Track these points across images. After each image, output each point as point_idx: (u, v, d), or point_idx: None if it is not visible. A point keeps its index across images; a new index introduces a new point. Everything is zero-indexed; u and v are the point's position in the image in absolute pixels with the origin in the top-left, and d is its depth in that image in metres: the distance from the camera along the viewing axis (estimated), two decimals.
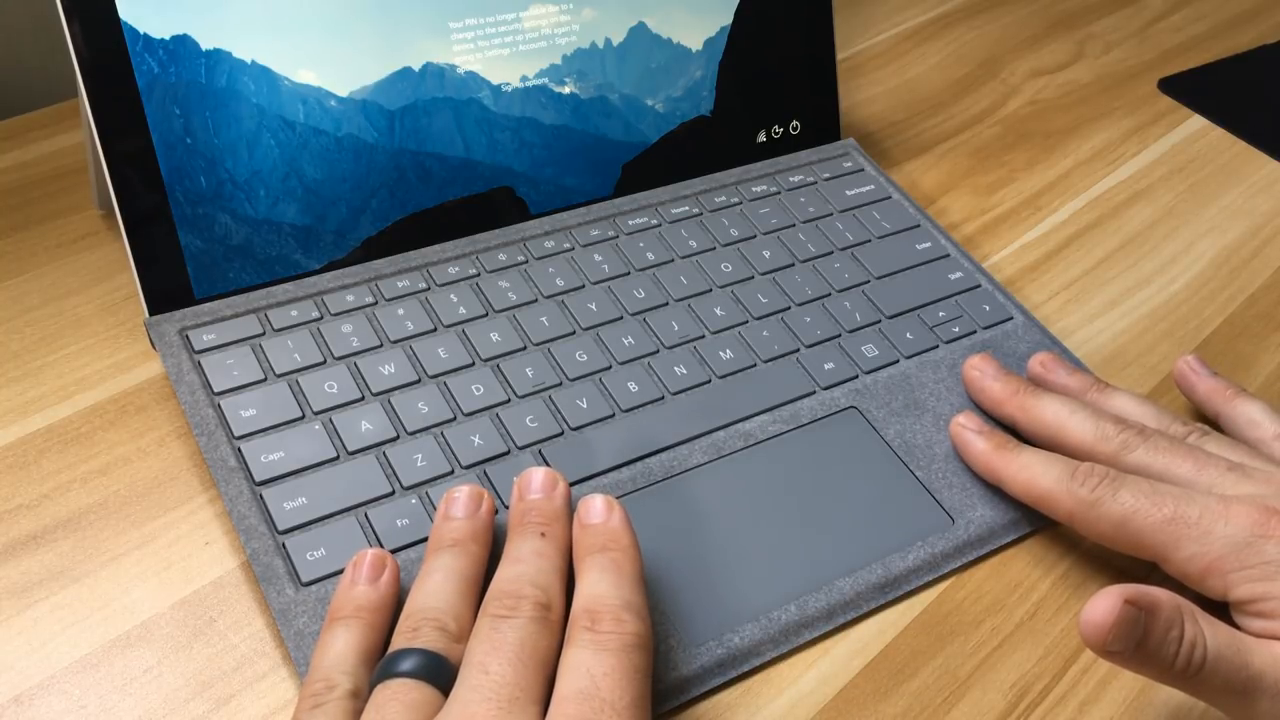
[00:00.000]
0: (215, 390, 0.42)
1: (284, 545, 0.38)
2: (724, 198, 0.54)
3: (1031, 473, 0.41)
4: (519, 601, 0.33)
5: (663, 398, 0.45)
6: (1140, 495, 0.38)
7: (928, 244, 0.54)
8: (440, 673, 0.32)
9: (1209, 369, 0.47)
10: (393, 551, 0.38)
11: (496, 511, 0.39)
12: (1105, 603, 0.33)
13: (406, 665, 0.32)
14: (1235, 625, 0.36)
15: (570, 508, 0.37)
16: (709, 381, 0.46)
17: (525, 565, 0.35)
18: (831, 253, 0.52)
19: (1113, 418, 0.42)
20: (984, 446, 0.43)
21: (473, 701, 0.30)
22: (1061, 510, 0.40)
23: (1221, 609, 0.37)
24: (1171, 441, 0.41)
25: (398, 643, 0.33)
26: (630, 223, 0.51)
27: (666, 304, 0.48)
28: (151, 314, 0.44)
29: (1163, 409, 0.44)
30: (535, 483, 0.37)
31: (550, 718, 0.30)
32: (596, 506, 0.36)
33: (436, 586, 0.35)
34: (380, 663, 0.33)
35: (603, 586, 0.34)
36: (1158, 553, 0.38)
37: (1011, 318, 0.51)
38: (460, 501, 0.37)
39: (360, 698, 0.33)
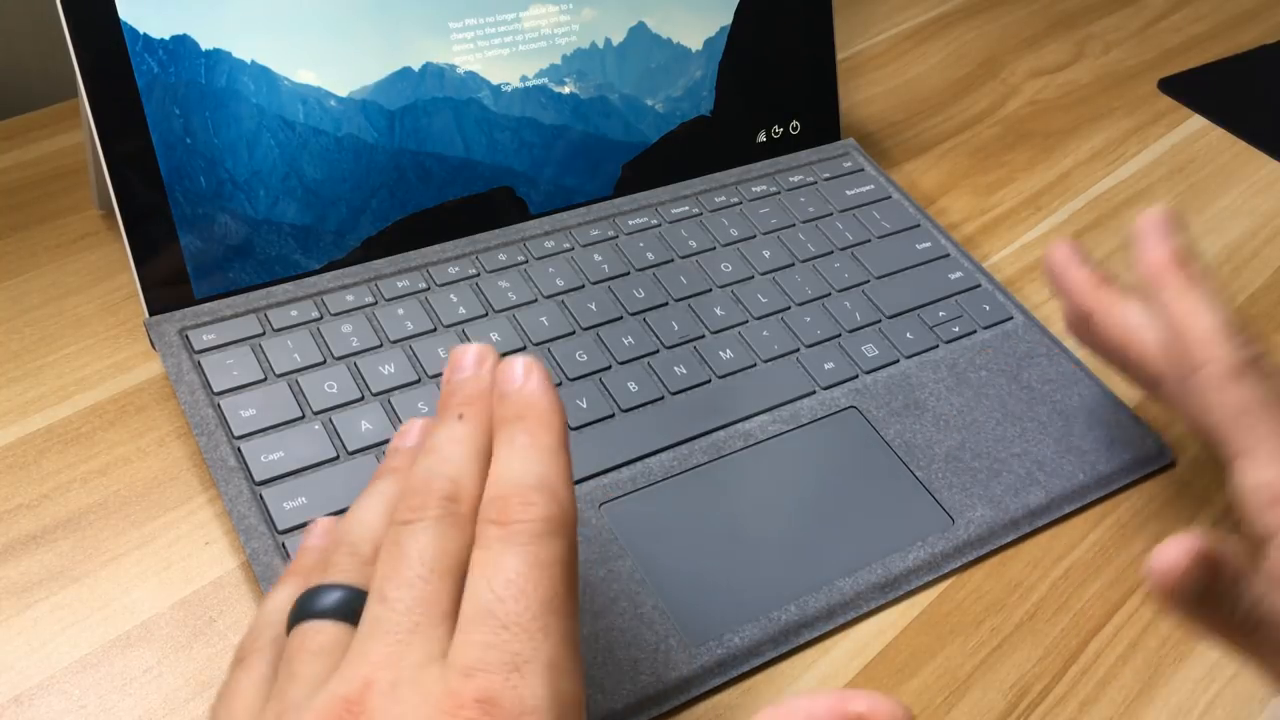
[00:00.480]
0: (215, 390, 0.42)
1: (284, 545, 0.38)
2: (724, 198, 0.54)
3: (1140, 319, 0.40)
4: (425, 499, 0.30)
5: (663, 398, 0.45)
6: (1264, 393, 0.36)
7: (928, 244, 0.54)
8: (352, 608, 0.29)
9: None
10: None
11: None
12: (1178, 548, 0.31)
13: (316, 605, 0.29)
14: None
15: (494, 380, 0.33)
16: (709, 381, 0.46)
17: (436, 455, 0.31)
18: (831, 253, 0.52)
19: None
20: (1087, 277, 0.42)
21: (373, 637, 0.27)
22: (1165, 363, 0.39)
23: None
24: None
25: (313, 576, 0.31)
26: (630, 223, 0.51)
27: (666, 304, 0.48)
28: (151, 314, 0.44)
29: None
30: (463, 360, 0.33)
31: (453, 647, 0.27)
32: (514, 370, 0.32)
33: (361, 513, 0.32)
34: (297, 600, 0.30)
35: (513, 465, 0.30)
36: (1240, 449, 0.36)
37: (1011, 318, 0.51)
38: (408, 433, 0.34)
39: (283, 643, 0.30)
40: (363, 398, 0.42)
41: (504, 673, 0.27)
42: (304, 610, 0.30)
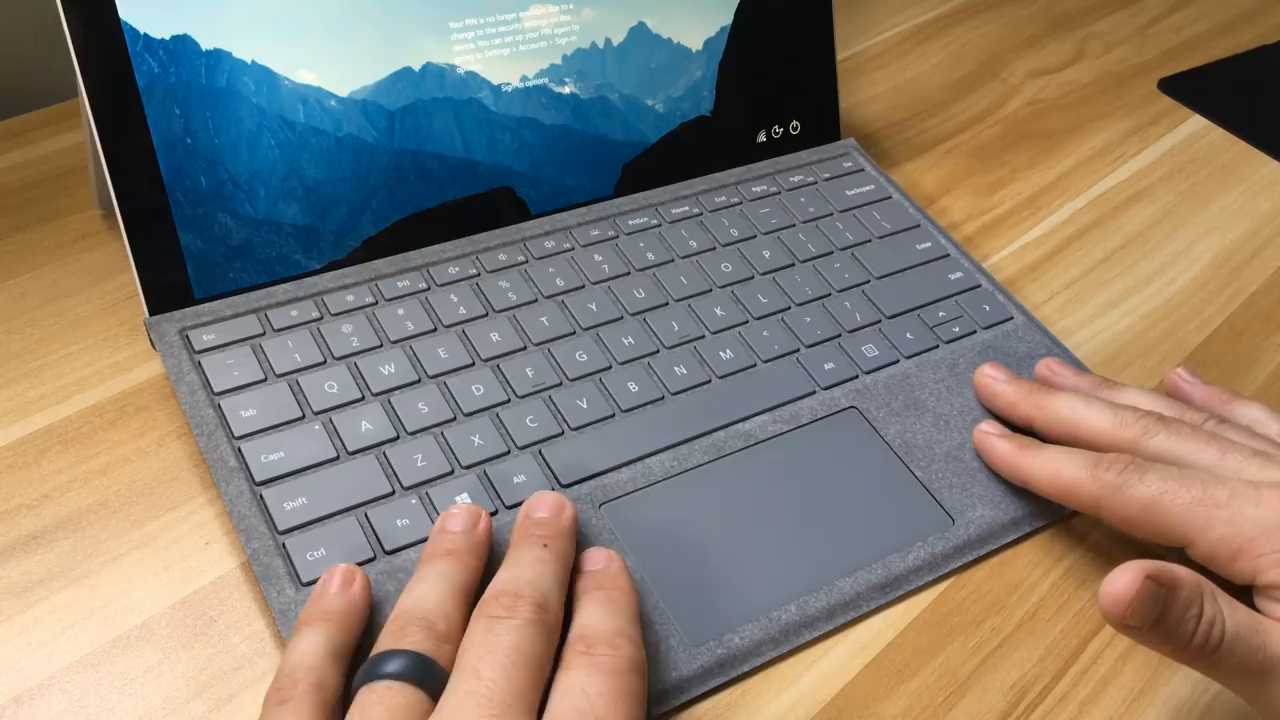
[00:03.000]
0: (215, 390, 0.42)
1: (284, 545, 0.38)
2: (724, 198, 0.54)
3: (1056, 466, 0.41)
4: (516, 601, 0.33)
5: (663, 398, 0.45)
6: (1168, 478, 0.38)
7: (928, 244, 0.54)
8: (428, 675, 0.31)
9: (1199, 377, 0.47)
10: (392, 551, 0.38)
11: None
12: (1127, 577, 0.33)
13: (393, 667, 0.31)
14: (1257, 609, 0.36)
15: (576, 531, 0.37)
16: (709, 381, 0.46)
17: (525, 570, 0.34)
18: (831, 253, 0.52)
19: (1129, 407, 0.42)
20: (1008, 448, 0.43)
21: (465, 708, 0.30)
22: (1087, 498, 0.40)
23: (1244, 594, 0.37)
24: (1192, 428, 0.41)
25: (383, 644, 0.33)
26: (630, 223, 0.51)
27: (666, 304, 0.48)
28: (151, 314, 0.44)
29: (1173, 400, 0.44)
30: (543, 503, 0.37)
31: None
32: (598, 554, 0.37)
33: (427, 589, 0.34)
34: (365, 664, 0.32)
35: (599, 617, 0.34)
36: (1185, 535, 0.38)
37: (1011, 318, 0.51)
38: (458, 517, 0.37)
39: (327, 690, 0.32)
40: (363, 398, 0.42)
41: None
42: (378, 669, 0.31)
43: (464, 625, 0.33)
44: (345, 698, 0.32)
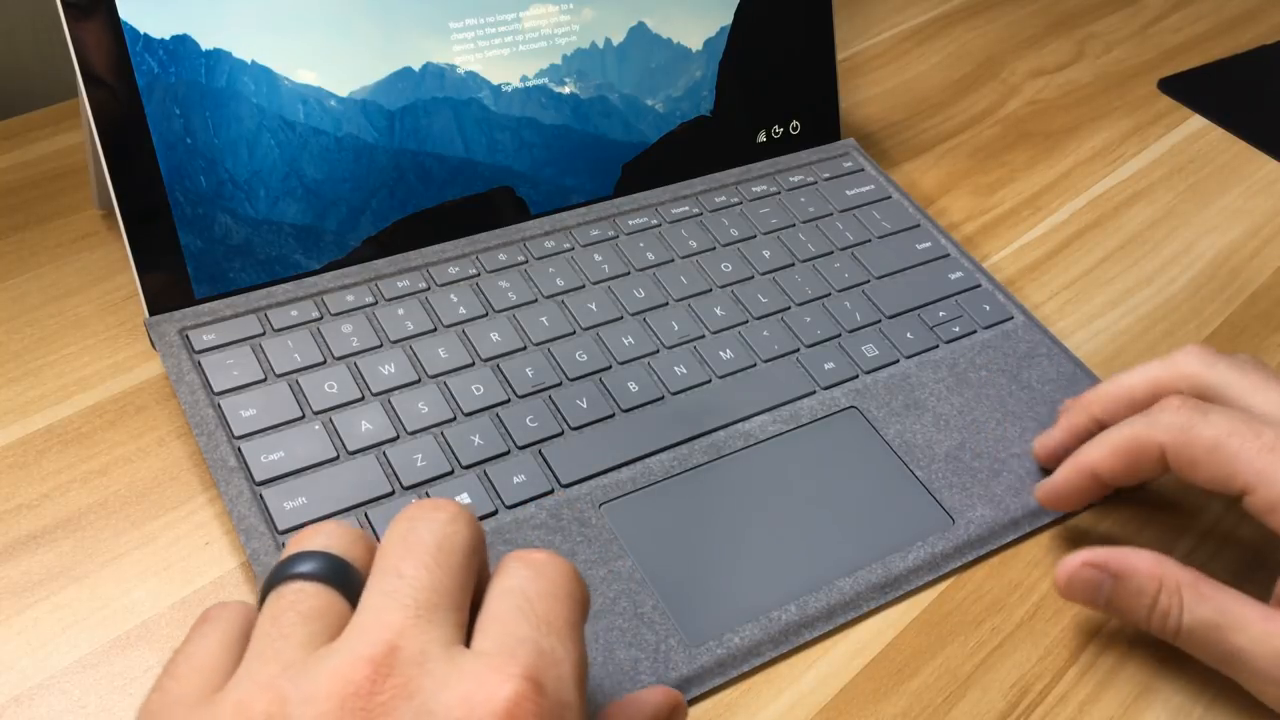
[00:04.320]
0: (215, 390, 0.42)
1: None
2: (724, 198, 0.54)
3: (1113, 437, 0.40)
4: (439, 503, 0.29)
5: (663, 398, 0.45)
6: (1235, 419, 0.37)
7: (928, 244, 0.54)
8: (344, 576, 0.28)
9: None
10: None
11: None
12: (1071, 561, 0.38)
13: (303, 567, 0.28)
14: None
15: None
16: (709, 381, 0.46)
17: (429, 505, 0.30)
18: (831, 253, 0.52)
19: (1179, 351, 0.41)
20: (1065, 469, 0.41)
21: (386, 609, 0.26)
22: (1153, 449, 0.38)
23: None
24: (1254, 363, 0.40)
25: (291, 546, 0.29)
26: (630, 223, 0.51)
27: (666, 304, 0.48)
28: (151, 314, 0.44)
29: None
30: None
31: (481, 635, 0.27)
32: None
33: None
34: (272, 568, 0.28)
35: (534, 552, 0.30)
36: (1250, 481, 0.36)
37: (1011, 318, 0.51)
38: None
39: (251, 608, 0.29)
40: (363, 398, 0.42)
41: (545, 661, 0.26)
42: (286, 571, 0.28)
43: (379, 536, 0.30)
44: None
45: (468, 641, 0.27)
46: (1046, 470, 0.44)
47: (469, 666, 0.26)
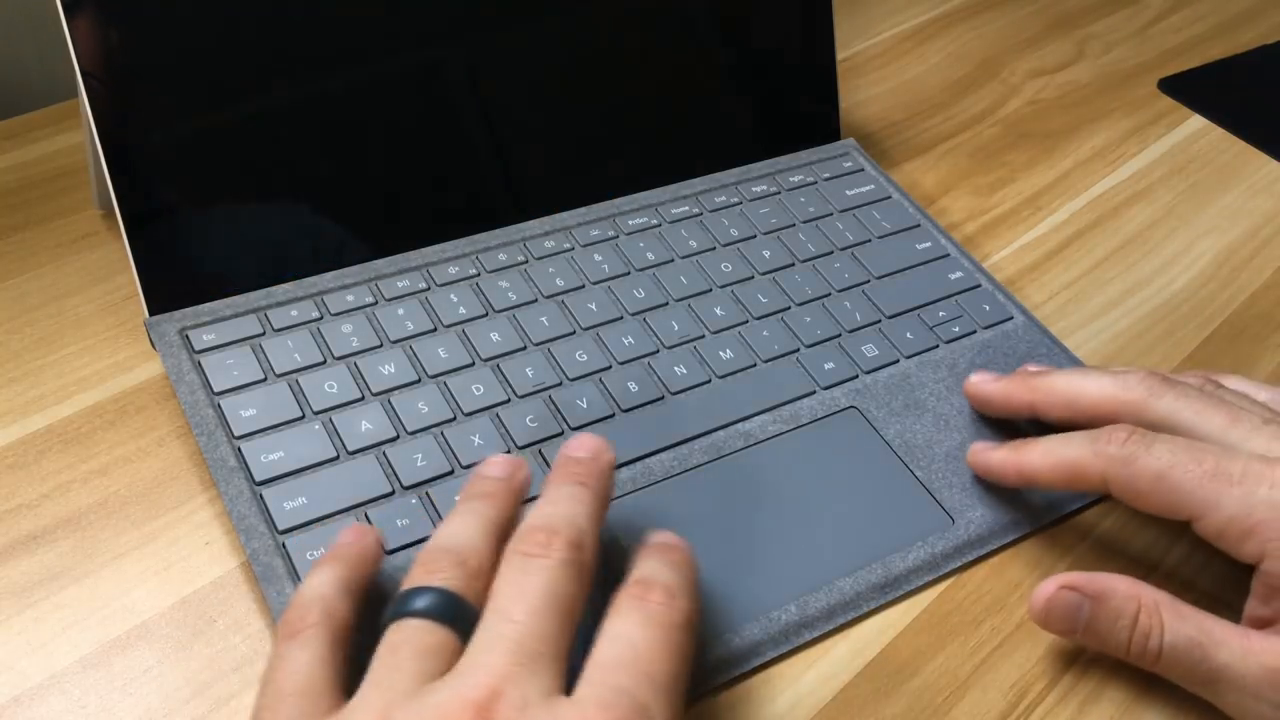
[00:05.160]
0: (215, 390, 0.42)
1: (284, 545, 0.38)
2: (724, 198, 0.54)
3: (1057, 451, 0.39)
4: (551, 538, 0.31)
5: (662, 398, 0.45)
6: (1178, 450, 0.37)
7: (928, 244, 0.54)
8: (459, 614, 0.30)
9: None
10: (392, 551, 0.38)
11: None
12: (1049, 586, 0.37)
13: (422, 604, 0.30)
14: (1254, 590, 0.36)
15: (613, 474, 0.36)
16: (709, 381, 0.46)
17: (561, 506, 0.33)
18: (831, 253, 0.52)
19: (1129, 370, 0.41)
20: (1004, 453, 0.41)
21: (494, 652, 0.29)
22: (1094, 476, 0.38)
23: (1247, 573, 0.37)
24: (1198, 390, 0.39)
25: (414, 578, 0.32)
26: (630, 223, 0.51)
27: (666, 304, 0.48)
28: (151, 314, 0.44)
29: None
30: (582, 445, 0.36)
31: (585, 682, 0.29)
32: (663, 534, 0.35)
33: (459, 526, 0.33)
34: (394, 599, 0.31)
35: (659, 568, 0.33)
36: (1195, 510, 0.36)
37: (1011, 318, 0.51)
38: (498, 464, 0.36)
39: (336, 622, 0.31)
40: (363, 398, 0.42)
41: (636, 716, 0.28)
42: (407, 606, 0.31)
43: (496, 564, 0.32)
44: (371, 634, 0.31)
45: (571, 684, 0.29)
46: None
47: (564, 715, 0.28)
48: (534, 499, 0.35)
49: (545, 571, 0.31)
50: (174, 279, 0.44)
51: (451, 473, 0.41)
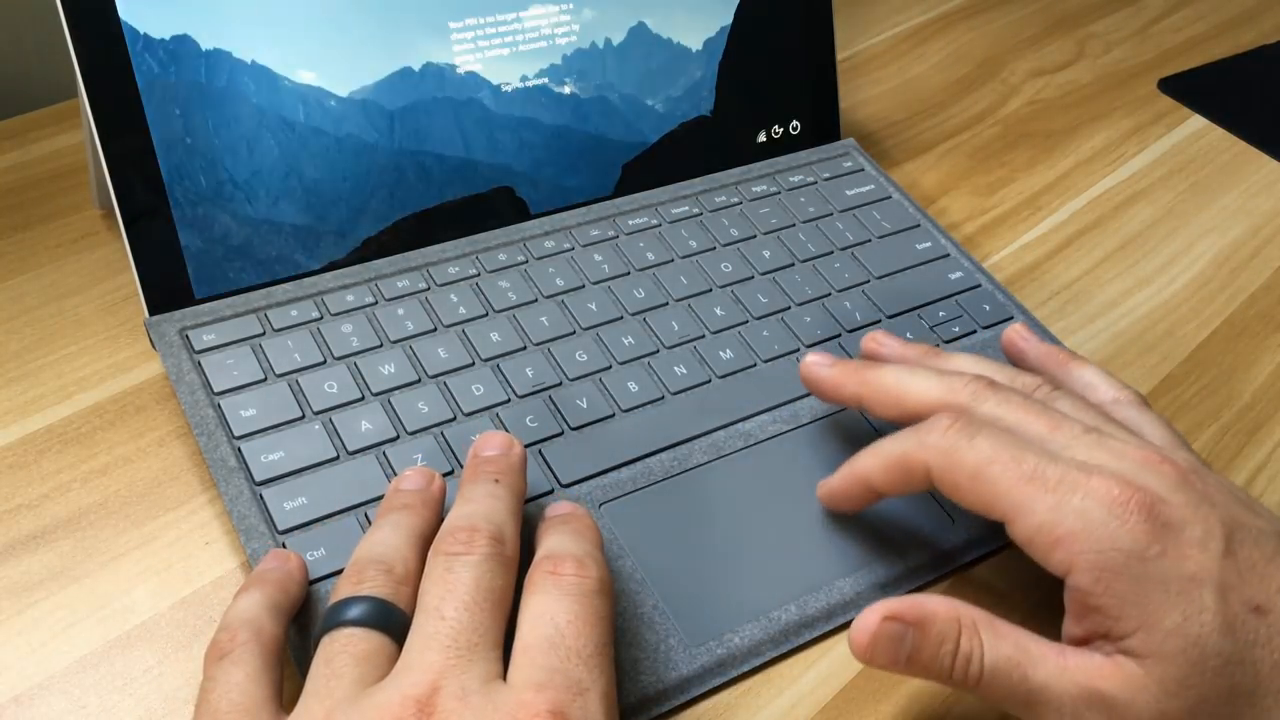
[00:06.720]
0: (215, 390, 0.42)
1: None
2: (724, 198, 0.54)
3: (885, 448, 0.37)
4: (473, 535, 0.33)
5: (663, 398, 0.45)
6: (1000, 445, 0.34)
7: (928, 244, 0.54)
8: (390, 619, 0.31)
9: (1035, 335, 0.44)
10: None
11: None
12: (871, 617, 0.33)
13: (354, 613, 0.31)
14: (1064, 603, 0.34)
15: (526, 469, 0.37)
16: (709, 381, 0.46)
17: (479, 504, 0.34)
18: (831, 252, 0.52)
19: (956, 372, 0.39)
20: (843, 468, 0.39)
21: (430, 649, 0.30)
22: (919, 470, 0.36)
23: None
24: (1024, 398, 0.38)
25: (341, 590, 0.32)
26: (630, 223, 0.51)
27: (666, 304, 0.48)
28: (151, 314, 0.44)
29: (1005, 364, 0.42)
30: (492, 441, 0.37)
31: (515, 667, 0.30)
32: (561, 504, 0.37)
33: (383, 536, 0.34)
34: (325, 612, 0.32)
35: (565, 540, 0.34)
36: (1008, 512, 0.34)
37: (1011, 318, 0.51)
38: (412, 478, 0.37)
39: (265, 638, 0.32)
40: (363, 398, 0.42)
41: (571, 694, 0.29)
42: (339, 617, 0.31)
43: (421, 568, 0.33)
44: (304, 651, 0.33)
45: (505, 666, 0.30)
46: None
47: (503, 701, 0.29)
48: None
49: (471, 568, 0.32)
50: (174, 279, 0.44)
51: (451, 473, 0.41)
